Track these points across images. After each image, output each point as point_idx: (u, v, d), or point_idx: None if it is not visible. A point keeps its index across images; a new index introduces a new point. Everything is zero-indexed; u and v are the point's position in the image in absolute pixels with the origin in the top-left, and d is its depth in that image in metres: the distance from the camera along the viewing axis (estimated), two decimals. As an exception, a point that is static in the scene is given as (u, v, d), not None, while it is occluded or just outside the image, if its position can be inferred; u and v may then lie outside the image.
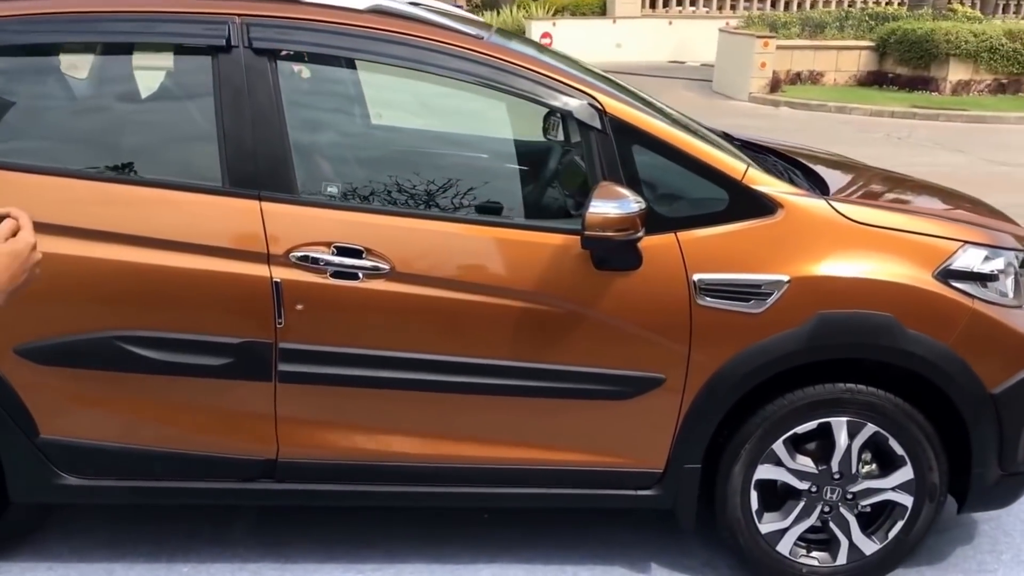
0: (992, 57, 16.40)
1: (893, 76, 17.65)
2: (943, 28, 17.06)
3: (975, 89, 16.54)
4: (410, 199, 2.86)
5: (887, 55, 18.14)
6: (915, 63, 17.29)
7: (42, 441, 2.72)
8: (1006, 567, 2.98)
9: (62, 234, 2.59)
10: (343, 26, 2.73)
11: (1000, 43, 16.37)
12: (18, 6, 2.71)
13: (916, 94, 16.42)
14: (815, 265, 2.66)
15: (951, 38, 16.54)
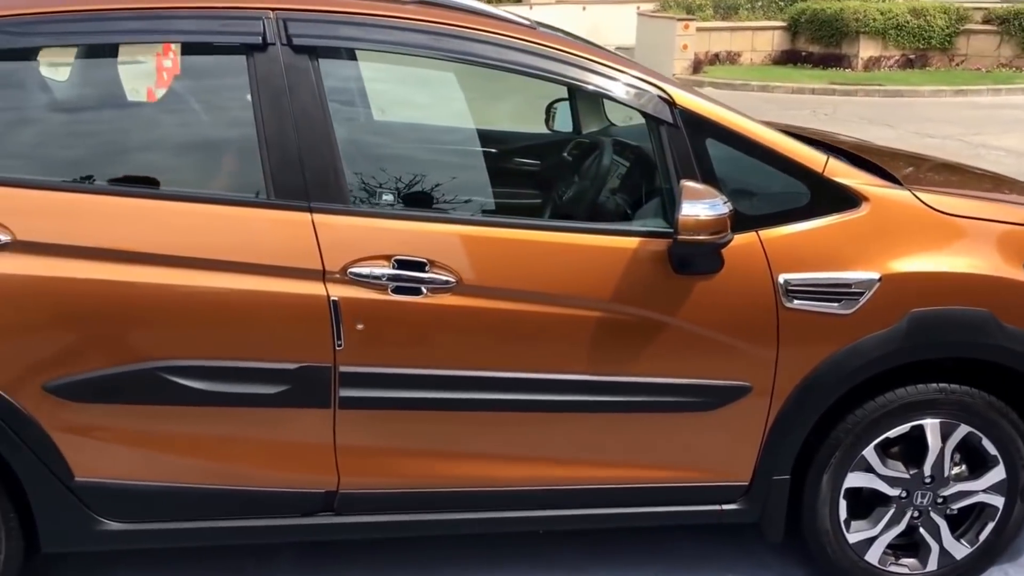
0: (899, 34, 16.95)
1: (806, 54, 18.06)
2: (851, 7, 17.52)
3: (885, 65, 17.07)
4: (473, 205, 2.60)
5: (799, 34, 18.55)
6: (826, 41, 17.73)
7: (77, 484, 2.38)
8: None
9: (96, 257, 2.26)
10: (390, 19, 2.44)
11: (905, 20, 16.94)
12: (23, 4, 2.33)
13: (831, 71, 16.85)
14: (906, 261, 2.52)
15: (860, 16, 17.01)
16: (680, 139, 2.47)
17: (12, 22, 2.32)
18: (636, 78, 2.52)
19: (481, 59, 2.49)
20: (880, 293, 2.48)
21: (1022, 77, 15.46)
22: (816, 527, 2.69)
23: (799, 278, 2.47)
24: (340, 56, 2.60)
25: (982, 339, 2.54)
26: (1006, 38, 16.48)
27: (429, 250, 2.37)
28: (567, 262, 2.45)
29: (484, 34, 2.48)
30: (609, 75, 2.51)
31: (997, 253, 2.57)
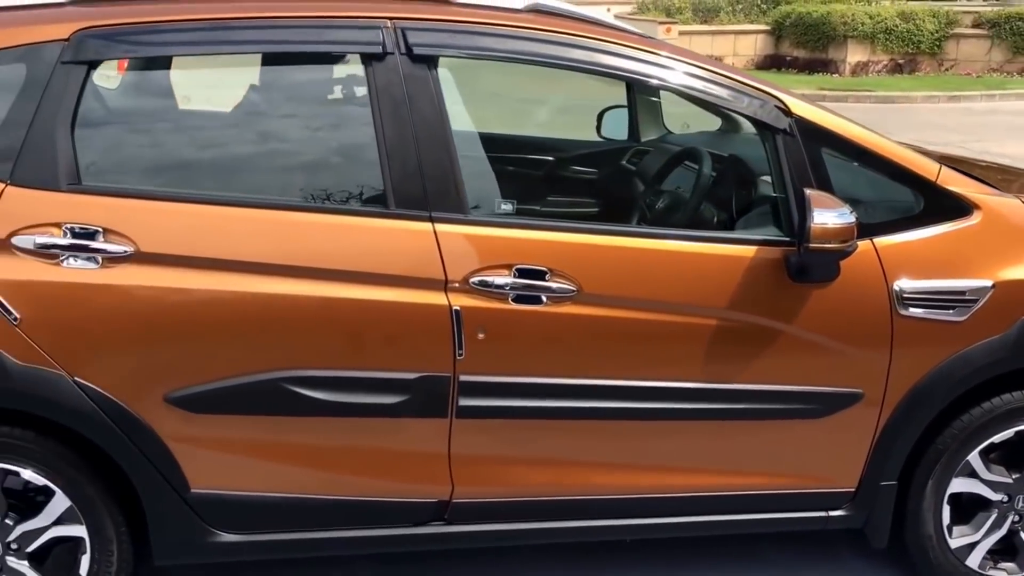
0: (888, 38, 17.12)
1: (791, 59, 18.17)
2: (839, 11, 17.67)
3: (873, 70, 17.22)
4: (591, 213, 2.59)
5: (783, 38, 18.67)
6: (812, 46, 17.85)
7: (193, 496, 2.34)
8: None
9: (217, 268, 2.22)
10: (505, 27, 2.43)
11: (895, 24, 17.09)
12: (136, 10, 2.30)
13: (817, 76, 16.95)
14: (1018, 268, 2.54)
15: (848, 20, 17.14)
16: (796, 148, 2.47)
17: (135, 30, 2.28)
18: (753, 88, 2.52)
19: (598, 67, 2.48)
20: (993, 300, 2.50)
21: (1015, 82, 15.67)
22: (920, 532, 2.70)
23: (914, 286, 2.48)
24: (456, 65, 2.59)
25: (1090, 346, 2.57)
26: (996, 42, 16.70)
27: (549, 259, 2.35)
28: (684, 271, 2.44)
29: (600, 43, 2.47)
30: (729, 86, 2.52)
31: (1107, 259, 2.60)
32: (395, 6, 2.40)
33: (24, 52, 2.23)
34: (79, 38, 2.24)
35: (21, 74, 2.22)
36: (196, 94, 2.81)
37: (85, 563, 2.39)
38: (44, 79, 2.20)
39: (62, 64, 2.22)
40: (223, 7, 2.38)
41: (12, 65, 2.22)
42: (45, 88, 2.20)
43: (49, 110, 2.20)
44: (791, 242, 2.42)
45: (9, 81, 2.22)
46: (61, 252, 2.19)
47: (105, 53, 2.27)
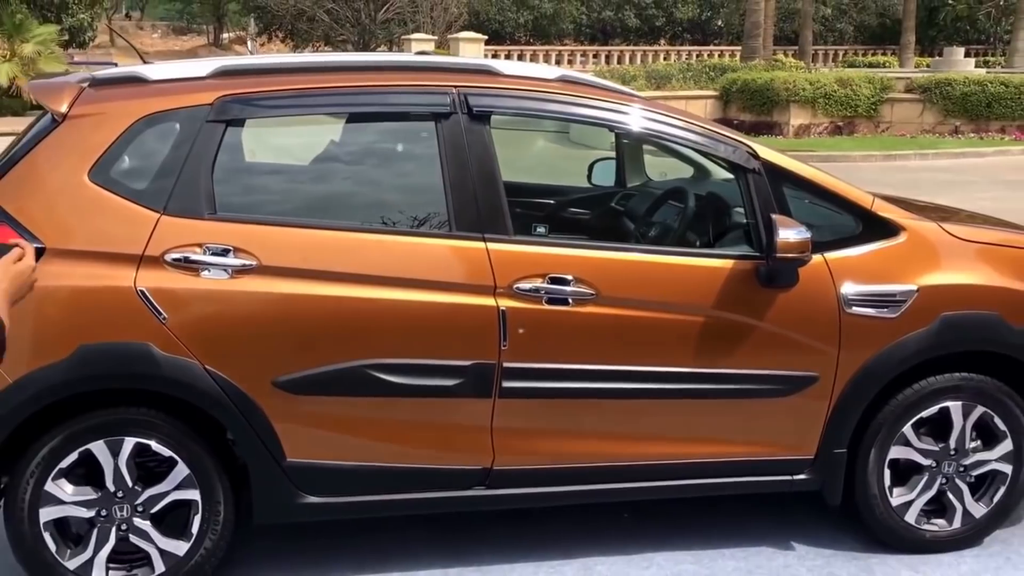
0: (828, 102, 18.32)
1: (738, 122, 19.23)
2: (781, 77, 18.87)
3: (815, 132, 18.38)
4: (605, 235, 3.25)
5: (731, 103, 19.81)
6: (758, 110, 18.99)
7: (288, 464, 2.88)
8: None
9: (319, 279, 2.83)
10: (541, 92, 3.12)
11: (833, 89, 18.32)
12: (262, 81, 2.99)
13: (763, 138, 17.94)
14: (936, 275, 3.23)
15: (790, 86, 18.31)
16: (763, 184, 3.16)
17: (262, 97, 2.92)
18: (730, 138, 3.22)
19: (612, 124, 3.19)
20: (918, 301, 3.18)
21: (946, 143, 16.91)
22: (866, 492, 3.32)
23: (856, 290, 3.15)
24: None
25: (994, 336, 3.25)
26: (928, 105, 18.01)
27: (574, 269, 3.00)
28: (679, 279, 3.10)
29: (615, 104, 3.19)
30: (714, 137, 3.22)
31: (1002, 269, 3.32)
32: (459, 76, 3.10)
33: (179, 113, 2.86)
34: (221, 103, 2.87)
35: (176, 130, 2.84)
36: (264, 152, 3.49)
37: (196, 522, 2.92)
38: (194, 134, 2.82)
39: (207, 123, 2.84)
40: (326, 79, 3.07)
41: (169, 124, 2.84)
42: (194, 142, 2.82)
43: (196, 158, 2.82)
44: (761, 256, 3.09)
45: (166, 135, 2.84)
46: (201, 266, 2.78)
47: (240, 114, 2.91)
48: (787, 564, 3.33)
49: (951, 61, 21.54)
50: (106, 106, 2.90)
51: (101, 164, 2.81)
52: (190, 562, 2.92)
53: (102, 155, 2.81)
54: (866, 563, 3.34)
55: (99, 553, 2.86)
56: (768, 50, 25.12)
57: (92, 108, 2.87)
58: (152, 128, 2.86)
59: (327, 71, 3.17)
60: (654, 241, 3.57)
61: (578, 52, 31.53)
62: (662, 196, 3.87)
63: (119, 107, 2.89)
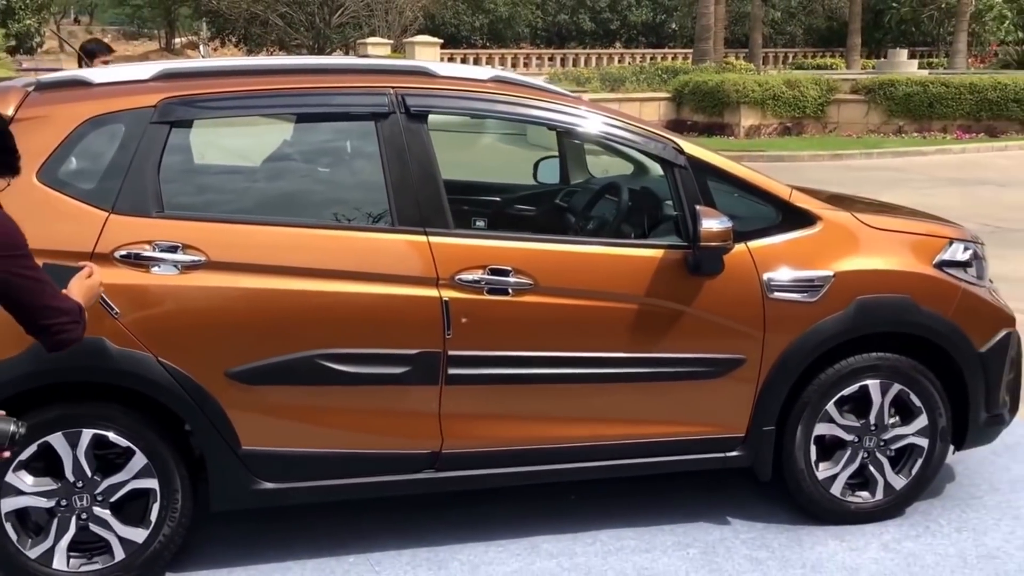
0: (776, 104, 18.72)
1: (692, 123, 19.62)
2: (731, 79, 19.26)
3: (765, 132, 18.78)
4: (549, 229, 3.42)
5: (683, 105, 20.16)
6: (710, 111, 19.34)
7: (244, 452, 3.01)
8: (988, 494, 3.87)
9: (269, 273, 2.97)
10: (476, 92, 3.29)
11: (781, 91, 18.72)
12: (204, 84, 3.09)
13: (716, 138, 18.34)
14: (851, 261, 3.45)
15: (739, 88, 18.69)
16: (689, 177, 3.35)
17: (203, 98, 3.04)
18: (657, 134, 3.41)
19: (545, 122, 3.36)
20: (834, 286, 3.40)
21: (890, 142, 17.39)
22: (794, 467, 3.53)
23: (777, 276, 3.36)
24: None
25: (906, 317, 3.48)
26: (872, 106, 18.50)
27: (513, 261, 3.16)
28: (613, 268, 3.28)
29: (545, 102, 3.35)
30: (642, 134, 3.40)
31: (912, 255, 3.55)
32: (396, 78, 3.24)
33: (123, 115, 2.97)
34: (164, 105, 3.00)
35: (121, 131, 2.95)
36: (211, 152, 3.62)
37: (155, 510, 3.03)
38: (139, 136, 2.94)
39: (151, 124, 2.96)
40: (268, 81, 3.20)
41: (114, 125, 2.96)
42: (139, 143, 2.94)
43: (141, 159, 2.94)
44: (688, 246, 3.29)
45: (112, 137, 2.95)
46: (150, 262, 2.90)
47: (183, 116, 3.03)
48: (723, 537, 3.53)
49: (895, 63, 22.12)
50: (51, 109, 3.00)
51: (48, 165, 2.91)
52: (149, 549, 3.04)
53: (49, 156, 2.91)
54: (796, 534, 3.55)
55: (60, 542, 2.96)
56: (719, 53, 25.60)
57: (37, 111, 2.97)
58: (97, 130, 2.98)
59: (269, 74, 3.31)
60: (592, 234, 3.75)
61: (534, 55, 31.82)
62: (599, 191, 4.06)
63: (64, 110, 3.00)
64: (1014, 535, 3.54)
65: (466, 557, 3.35)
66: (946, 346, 3.52)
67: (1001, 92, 17.84)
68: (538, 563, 3.32)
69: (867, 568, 3.32)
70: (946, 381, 3.58)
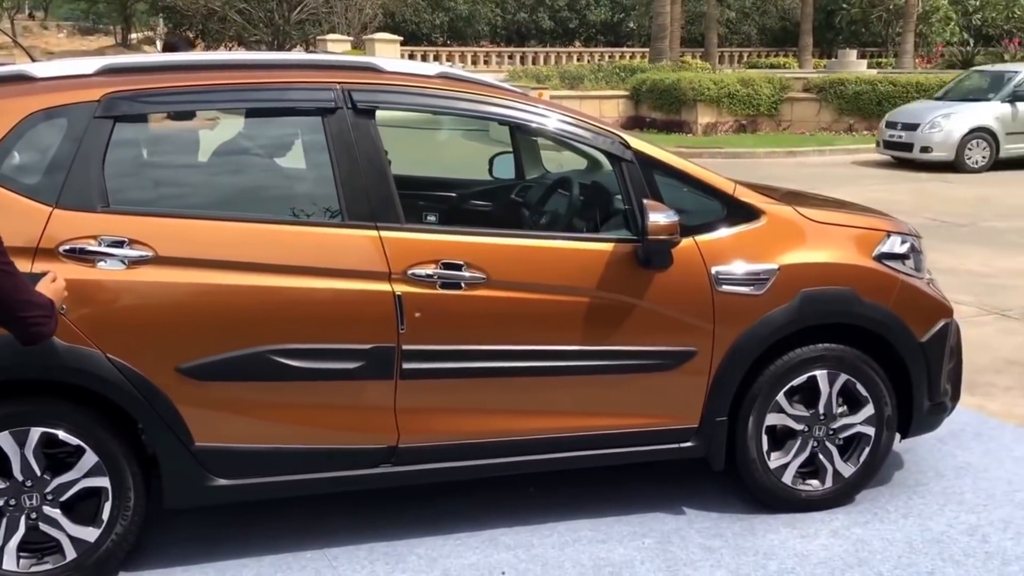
0: (732, 101, 18.99)
1: (650, 120, 19.84)
2: (687, 78, 19.49)
3: (721, 129, 19.03)
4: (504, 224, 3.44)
5: (642, 102, 20.36)
6: (667, 109, 19.56)
7: (197, 449, 2.99)
8: (933, 480, 3.97)
9: (220, 268, 2.94)
10: (422, 87, 3.30)
11: (736, 89, 18.98)
12: (148, 79, 3.06)
13: (674, 135, 18.56)
14: (794, 255, 3.52)
15: (695, 86, 18.92)
16: (636, 172, 3.40)
17: (147, 93, 3.01)
18: (604, 129, 3.45)
19: (490, 117, 3.37)
20: (780, 279, 3.46)
21: (841, 139, 17.71)
22: (747, 457, 3.60)
23: (725, 269, 3.42)
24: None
25: (849, 309, 3.56)
26: (824, 104, 18.82)
27: (465, 255, 3.18)
28: (564, 261, 3.31)
29: (491, 98, 3.37)
30: (587, 128, 3.43)
31: (853, 248, 3.63)
32: (343, 73, 3.24)
33: (67, 110, 2.93)
34: (108, 100, 2.96)
35: (64, 126, 2.91)
36: (158, 147, 3.58)
37: (107, 509, 3.00)
38: (82, 130, 2.91)
39: (95, 119, 2.93)
40: (214, 76, 3.17)
41: (57, 120, 2.92)
42: (82, 137, 2.91)
43: (86, 153, 2.90)
44: (638, 239, 3.33)
45: (55, 132, 2.91)
46: (96, 257, 2.87)
47: (128, 110, 3.00)
48: (678, 527, 3.58)
49: (845, 62, 22.51)
50: None
51: None
52: (101, 548, 3.00)
53: None
54: (750, 523, 3.61)
55: (9, 542, 2.92)
56: (675, 52, 25.83)
57: None
58: (40, 124, 2.94)
59: (215, 69, 3.28)
60: (545, 228, 3.78)
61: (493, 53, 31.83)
62: (551, 186, 4.09)
63: (6, 104, 2.96)
64: (958, 520, 3.64)
65: (424, 551, 3.36)
66: (888, 336, 3.61)
67: (948, 91, 18.22)
68: (496, 555, 3.34)
69: (817, 554, 3.39)
70: (890, 371, 3.67)
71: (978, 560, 3.35)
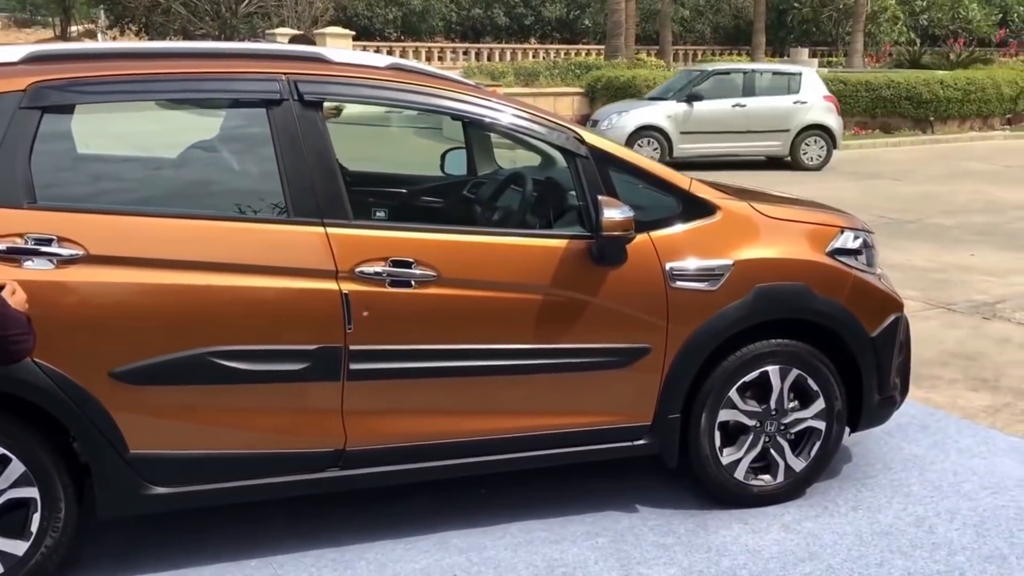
0: (684, 100, 19.05)
1: (606, 118, 19.88)
2: (642, 75, 19.53)
3: (674, 128, 19.08)
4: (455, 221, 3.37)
5: (596, 99, 20.31)
6: (623, 106, 19.61)
7: (132, 456, 2.88)
8: (882, 473, 4.00)
9: (155, 266, 2.83)
10: (372, 79, 3.21)
11: (688, 88, 19.06)
12: (79, 67, 2.92)
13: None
14: (749, 250, 3.51)
15: (651, 84, 18.93)
16: (591, 167, 3.36)
17: (79, 82, 2.89)
18: (558, 124, 3.40)
19: (441, 110, 3.31)
20: (734, 275, 3.45)
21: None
22: (699, 453, 3.58)
23: (679, 265, 3.40)
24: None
25: (803, 304, 3.57)
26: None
27: (414, 252, 3.11)
28: (517, 258, 3.26)
29: (442, 91, 3.29)
30: (539, 122, 3.38)
31: (807, 244, 3.64)
32: (289, 64, 3.14)
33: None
34: (34, 89, 2.83)
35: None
36: (95, 142, 3.45)
37: (36, 520, 2.87)
38: (6, 122, 2.78)
39: (20, 109, 2.80)
40: (151, 65, 3.04)
41: None
42: (7, 129, 2.78)
43: (10, 146, 2.77)
44: (592, 235, 3.29)
45: None
46: (22, 256, 2.74)
47: (56, 101, 2.87)
48: (631, 525, 3.55)
49: (797, 61, 22.79)
50: None
51: None
52: (30, 562, 2.87)
53: None
54: (702, 519, 3.60)
55: (-67, 556, 2.79)
56: (630, 49, 25.92)
57: None
58: None
59: (153, 57, 3.16)
60: (497, 225, 3.73)
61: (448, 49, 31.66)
62: (504, 182, 4.03)
63: None
64: (906, 512, 3.67)
65: (373, 556, 3.29)
66: (840, 331, 3.62)
67: (895, 90, 18.56)
68: (447, 559, 3.29)
69: (769, 549, 3.39)
70: (840, 365, 3.68)
71: (925, 551, 3.37)
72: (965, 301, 6.90)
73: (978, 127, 19.46)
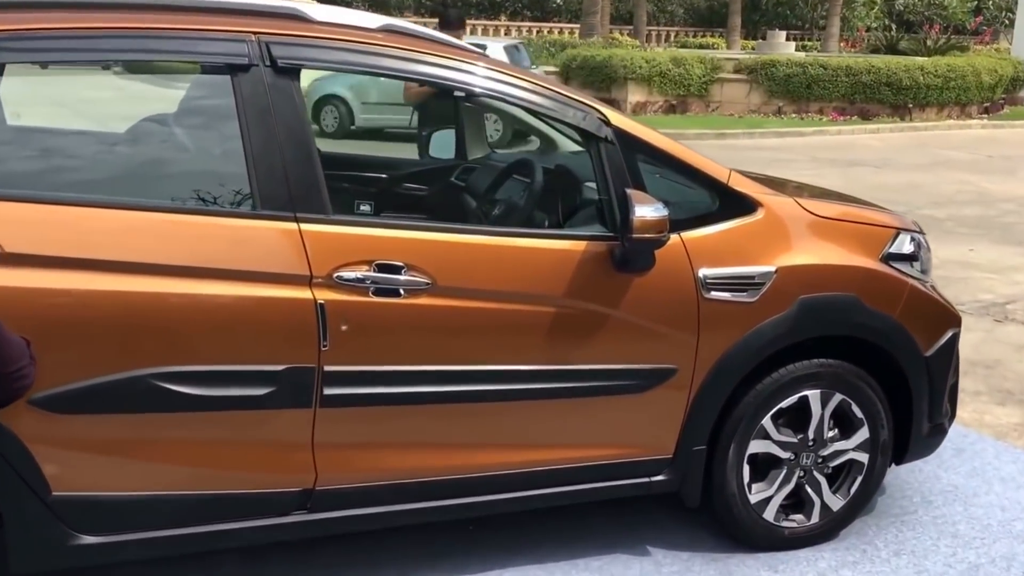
0: (663, 81, 18.58)
1: (579, 97, 19.32)
2: (619, 55, 19.03)
3: (651, 109, 18.61)
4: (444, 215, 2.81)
5: (571, 79, 19.74)
6: (598, 86, 19.03)
7: (54, 499, 2.31)
8: (922, 508, 3.55)
9: (85, 268, 2.25)
10: (361, 44, 2.64)
11: (668, 68, 18.58)
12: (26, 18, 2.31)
13: (604, 114, 18.10)
14: (794, 255, 3.01)
15: (627, 64, 18.46)
16: (615, 154, 2.82)
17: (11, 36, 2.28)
18: (577, 101, 2.86)
19: (441, 81, 2.73)
20: (776, 283, 2.95)
21: (770, 122, 17.51)
22: (725, 491, 3.09)
23: (715, 273, 2.88)
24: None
25: (853, 319, 3.08)
26: (754, 86, 18.58)
27: (406, 255, 2.56)
28: (526, 264, 2.72)
29: (443, 59, 2.73)
30: (555, 98, 2.83)
31: (859, 248, 3.14)
32: (260, 22, 2.54)
33: None
34: None
35: None
36: (30, 111, 2.83)
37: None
38: None
39: None
40: (95, 17, 2.43)
41: None
42: None
43: None
44: (615, 237, 2.76)
45: None
46: None
47: None
48: (643, 571, 3.06)
49: (774, 44, 22.36)
50: None
51: None
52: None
53: None
54: (725, 565, 3.12)
55: None
56: (605, 28, 25.42)
57: None
58: None
59: (96, 8, 2.52)
60: (497, 221, 3.19)
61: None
62: (506, 170, 3.47)
63: None
64: (955, 557, 3.22)
65: (344, 610, 2.76)
66: (892, 350, 3.14)
67: (874, 75, 18.21)
68: (432, 614, 2.77)
69: (806, 605, 2.92)
70: (887, 389, 3.21)
71: (987, 609, 2.93)
72: (973, 301, 6.51)
73: (956, 115, 19.21)
